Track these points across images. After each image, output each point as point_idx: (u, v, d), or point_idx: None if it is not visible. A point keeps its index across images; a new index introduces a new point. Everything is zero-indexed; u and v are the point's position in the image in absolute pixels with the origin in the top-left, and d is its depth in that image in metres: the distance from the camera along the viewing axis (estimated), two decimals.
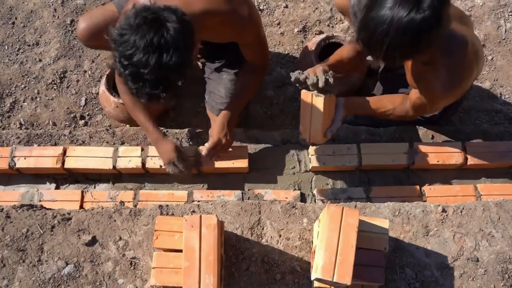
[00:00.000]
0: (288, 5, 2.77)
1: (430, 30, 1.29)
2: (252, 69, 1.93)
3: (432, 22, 1.27)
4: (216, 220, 1.42)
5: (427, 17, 1.26)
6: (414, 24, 1.26)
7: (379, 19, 1.29)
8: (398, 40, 1.29)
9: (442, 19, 1.29)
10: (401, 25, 1.26)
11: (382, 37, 1.30)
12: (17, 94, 2.52)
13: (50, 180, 2.02)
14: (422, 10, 1.25)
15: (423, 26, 1.27)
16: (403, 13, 1.25)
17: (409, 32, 1.27)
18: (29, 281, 1.57)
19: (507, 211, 1.69)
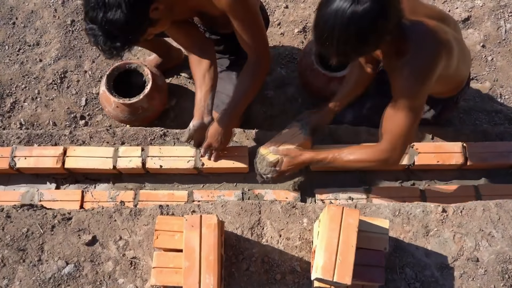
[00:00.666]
0: (288, 6, 2.77)
1: (374, 21, 1.32)
2: (251, 69, 1.87)
3: (374, 14, 1.31)
4: (216, 220, 1.42)
5: (368, 9, 1.29)
6: (356, 16, 1.30)
7: (326, 16, 1.34)
8: (344, 33, 1.33)
9: (386, 11, 1.32)
10: (344, 19, 1.31)
11: (331, 32, 1.34)
12: (17, 94, 2.52)
13: (50, 180, 2.02)
14: (363, 2, 1.29)
15: (365, 18, 1.30)
16: (345, 6, 1.30)
17: (353, 24, 1.31)
18: (29, 280, 1.57)
19: (507, 211, 1.69)
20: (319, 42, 1.42)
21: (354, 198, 1.90)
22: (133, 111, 2.25)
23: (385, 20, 1.34)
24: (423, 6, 1.62)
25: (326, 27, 1.35)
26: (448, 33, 1.60)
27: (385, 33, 1.38)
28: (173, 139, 2.05)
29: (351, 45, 1.37)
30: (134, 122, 2.29)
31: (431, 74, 1.51)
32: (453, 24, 1.75)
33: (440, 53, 1.52)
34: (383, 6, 1.31)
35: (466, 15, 2.70)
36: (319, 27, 1.38)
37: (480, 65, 2.59)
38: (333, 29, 1.33)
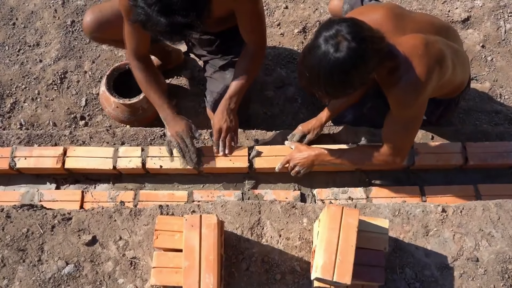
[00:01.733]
0: (288, 6, 2.77)
1: (354, 67, 1.40)
2: (249, 53, 1.89)
3: (353, 60, 1.38)
4: (216, 220, 1.42)
5: (346, 57, 1.37)
6: (337, 64, 1.38)
7: (312, 61, 1.43)
8: (329, 79, 1.42)
9: (364, 54, 1.39)
10: (327, 66, 1.39)
11: (317, 78, 1.43)
12: (17, 95, 2.52)
13: (50, 180, 2.02)
14: (341, 50, 1.37)
15: (345, 65, 1.38)
16: (328, 54, 1.38)
17: (335, 71, 1.40)
18: (29, 280, 1.57)
19: (507, 211, 1.69)
20: (309, 84, 1.50)
21: (354, 198, 1.91)
22: (133, 112, 2.25)
23: (365, 63, 1.42)
24: (411, 21, 1.65)
25: (313, 72, 1.43)
26: (439, 42, 1.62)
27: (367, 72, 1.46)
28: None
29: (337, 88, 1.47)
30: (134, 123, 2.29)
31: (424, 85, 1.55)
32: (445, 32, 1.76)
33: (431, 64, 1.55)
34: (360, 51, 1.38)
35: (466, 15, 2.70)
36: (307, 71, 1.47)
37: (479, 65, 2.59)
38: (319, 75, 1.42)
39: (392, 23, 1.59)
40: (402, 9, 1.71)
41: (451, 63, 1.64)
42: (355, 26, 1.41)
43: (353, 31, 1.39)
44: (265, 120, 2.45)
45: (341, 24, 1.40)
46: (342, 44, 1.37)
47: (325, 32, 1.41)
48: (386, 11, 1.62)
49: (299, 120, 2.41)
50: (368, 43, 1.40)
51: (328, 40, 1.39)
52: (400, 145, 1.71)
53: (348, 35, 1.37)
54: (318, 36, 1.43)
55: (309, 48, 1.45)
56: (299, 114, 2.47)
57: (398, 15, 1.64)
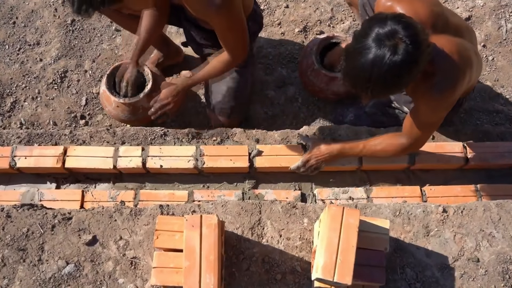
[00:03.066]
0: (288, 5, 2.77)
1: (409, 69, 1.35)
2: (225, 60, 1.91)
3: (409, 63, 1.33)
4: (216, 220, 1.42)
5: (404, 59, 1.31)
6: (394, 66, 1.32)
7: (362, 66, 1.34)
8: (381, 82, 1.36)
9: (419, 57, 1.35)
10: (382, 69, 1.32)
11: (367, 81, 1.36)
12: (17, 94, 2.52)
13: (50, 179, 2.02)
14: (399, 53, 1.30)
15: (402, 67, 1.32)
16: (384, 57, 1.31)
17: (390, 74, 1.33)
18: (29, 280, 1.57)
19: (507, 212, 1.68)
20: (352, 88, 1.44)
21: (354, 198, 1.90)
22: (133, 111, 2.25)
23: (418, 66, 1.36)
24: (445, 21, 1.62)
25: (362, 76, 1.36)
26: (469, 50, 1.62)
27: (417, 75, 1.41)
28: (173, 138, 2.05)
29: (385, 91, 1.42)
30: (134, 122, 2.28)
31: (456, 93, 1.57)
32: (468, 34, 1.76)
33: (465, 72, 1.56)
34: (417, 55, 1.33)
35: (467, 14, 2.69)
36: (353, 75, 1.40)
37: None
38: (370, 78, 1.34)
39: (430, 20, 1.54)
40: (439, 6, 1.67)
41: (475, 67, 1.66)
42: (412, 28, 1.33)
43: (412, 33, 1.31)
44: (266, 119, 2.44)
45: (397, 23, 1.32)
46: (399, 47, 1.30)
47: (378, 28, 1.32)
48: (427, 7, 1.57)
49: (300, 120, 2.42)
50: (424, 46, 1.35)
51: (383, 40, 1.31)
52: (422, 139, 1.73)
53: (407, 38, 1.30)
54: (369, 32, 1.34)
55: (358, 47, 1.36)
56: (299, 114, 2.46)
57: (436, 14, 1.59)
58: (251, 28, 2.08)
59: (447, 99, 1.57)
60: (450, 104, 1.62)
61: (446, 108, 1.63)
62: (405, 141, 1.73)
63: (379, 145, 1.78)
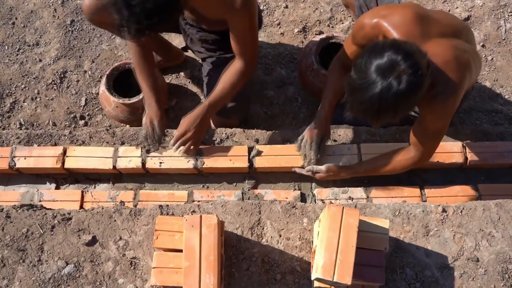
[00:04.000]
0: (288, 6, 2.77)
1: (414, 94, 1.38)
2: (237, 68, 1.87)
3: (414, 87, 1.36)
4: (216, 220, 1.42)
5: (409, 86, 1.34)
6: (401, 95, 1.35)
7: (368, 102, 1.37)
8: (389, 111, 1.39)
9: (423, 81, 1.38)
10: (389, 100, 1.35)
11: (375, 115, 1.41)
12: (17, 94, 2.52)
13: (50, 180, 2.02)
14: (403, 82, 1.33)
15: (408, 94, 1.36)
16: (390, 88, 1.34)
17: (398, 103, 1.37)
18: (29, 281, 1.57)
19: (507, 211, 1.69)
20: (362, 118, 1.48)
21: (354, 198, 1.90)
22: (133, 111, 2.25)
23: (422, 89, 1.40)
24: (435, 24, 1.62)
25: (371, 109, 1.39)
26: (467, 51, 1.63)
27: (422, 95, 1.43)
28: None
29: (395, 116, 1.44)
30: (134, 122, 2.29)
31: (458, 99, 1.59)
32: (465, 33, 1.75)
33: (465, 77, 1.57)
34: (420, 80, 1.36)
35: (466, 14, 2.70)
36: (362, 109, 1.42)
37: None
38: (379, 111, 1.38)
39: (419, 27, 1.55)
40: (425, 10, 1.68)
41: (474, 68, 1.67)
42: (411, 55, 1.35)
43: (412, 63, 1.34)
44: (266, 120, 2.45)
45: (395, 53, 1.34)
46: (402, 78, 1.33)
47: (379, 61, 1.35)
48: (412, 14, 1.58)
49: (299, 120, 2.42)
50: (425, 70, 1.37)
51: (385, 74, 1.34)
52: (431, 150, 1.76)
53: (409, 68, 1.33)
54: (368, 66, 1.36)
55: (361, 83, 1.38)
56: (299, 114, 2.46)
57: (423, 17, 1.60)
58: None
59: (451, 106, 1.59)
60: (454, 109, 1.64)
61: (451, 114, 1.65)
62: (414, 154, 1.76)
63: (389, 165, 1.81)
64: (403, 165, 1.80)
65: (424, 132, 1.70)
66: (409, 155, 1.77)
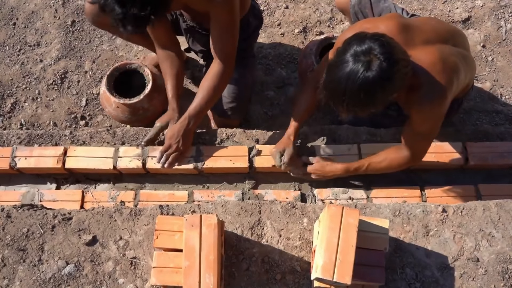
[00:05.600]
0: (288, 6, 2.77)
1: (382, 87, 1.38)
2: (214, 71, 1.85)
3: (383, 80, 1.36)
4: (216, 219, 1.42)
5: (377, 76, 1.35)
6: (367, 82, 1.36)
7: (338, 78, 1.40)
8: (354, 97, 1.40)
9: (394, 75, 1.38)
10: (355, 84, 1.36)
11: (342, 94, 1.41)
12: (18, 95, 2.53)
13: (50, 180, 2.02)
14: (373, 69, 1.35)
15: (374, 84, 1.36)
16: (358, 72, 1.35)
17: (363, 90, 1.37)
18: (29, 280, 1.57)
19: (507, 211, 1.69)
20: (330, 99, 1.48)
21: (354, 198, 1.90)
22: (133, 111, 2.25)
23: (392, 84, 1.40)
24: (418, 31, 1.64)
25: (338, 88, 1.40)
26: (453, 55, 1.63)
27: (392, 93, 1.44)
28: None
29: (360, 106, 1.44)
30: (134, 123, 2.29)
31: (446, 101, 1.59)
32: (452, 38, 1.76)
33: (451, 79, 1.58)
34: (391, 72, 1.36)
35: (467, 15, 2.70)
36: (331, 86, 1.44)
37: (480, 65, 2.59)
38: (345, 91, 1.39)
39: (402, 36, 1.56)
40: (406, 19, 1.70)
41: (463, 70, 1.67)
42: (389, 46, 1.37)
43: (387, 51, 1.35)
44: (266, 120, 2.45)
45: (374, 41, 1.37)
46: (374, 63, 1.34)
47: (356, 46, 1.37)
48: (396, 24, 1.59)
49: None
50: (399, 65, 1.38)
51: (359, 56, 1.36)
52: (421, 151, 1.78)
53: (382, 55, 1.34)
54: (347, 49, 1.39)
55: (336, 61, 1.41)
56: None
57: (405, 26, 1.62)
58: (252, 23, 2.08)
59: (438, 108, 1.60)
60: (443, 112, 1.64)
61: (439, 116, 1.65)
62: (406, 153, 1.78)
63: (383, 162, 1.82)
64: (397, 164, 1.81)
65: (412, 134, 1.71)
66: (402, 154, 1.78)
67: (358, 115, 1.53)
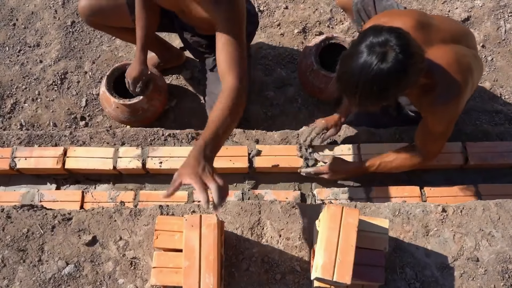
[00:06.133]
0: (288, 6, 2.77)
1: (397, 80, 1.35)
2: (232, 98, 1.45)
3: (398, 73, 1.33)
4: (216, 219, 1.42)
5: (392, 69, 1.32)
6: (381, 75, 1.33)
7: (352, 69, 1.36)
8: (367, 89, 1.36)
9: (409, 69, 1.35)
10: (369, 76, 1.33)
11: (355, 86, 1.37)
12: (18, 95, 2.53)
13: (50, 180, 2.03)
14: (388, 61, 1.32)
15: (389, 77, 1.33)
16: (372, 63, 1.32)
17: (377, 82, 1.34)
18: (29, 281, 1.57)
19: (507, 211, 1.69)
20: (342, 93, 1.46)
21: (354, 198, 1.90)
22: (133, 112, 2.26)
23: (407, 77, 1.37)
24: (436, 30, 1.62)
25: (352, 79, 1.37)
26: (467, 56, 1.63)
27: (405, 88, 1.42)
28: (173, 139, 2.05)
29: (372, 100, 1.41)
30: (134, 123, 2.29)
31: (461, 101, 1.58)
32: (465, 38, 1.76)
33: (467, 80, 1.57)
34: (407, 65, 1.34)
35: (466, 15, 2.70)
36: (343, 79, 1.41)
37: None
38: (358, 83, 1.36)
39: (420, 34, 1.54)
40: (426, 16, 1.68)
41: (475, 72, 1.67)
42: (405, 39, 1.35)
43: (403, 44, 1.33)
44: (266, 120, 2.45)
45: (391, 34, 1.34)
46: (389, 54, 1.31)
47: (372, 38, 1.35)
48: (413, 21, 1.58)
49: (299, 120, 2.42)
50: (415, 59, 1.36)
51: (374, 47, 1.33)
52: (435, 151, 1.78)
53: (398, 47, 1.31)
54: (363, 40, 1.36)
55: (351, 52, 1.38)
56: (299, 114, 2.47)
57: (424, 24, 1.60)
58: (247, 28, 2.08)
59: (453, 109, 1.59)
60: (457, 113, 1.63)
61: (454, 117, 1.64)
62: (419, 153, 1.77)
63: (395, 161, 1.81)
64: (409, 164, 1.81)
65: (426, 134, 1.71)
66: (414, 154, 1.79)
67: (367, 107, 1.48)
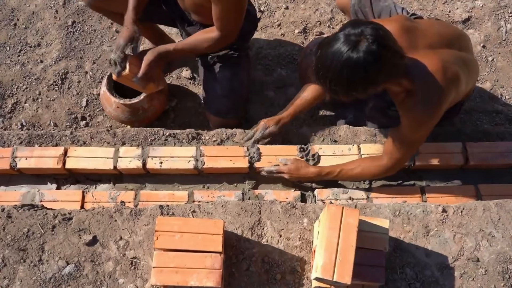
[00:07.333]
0: (288, 7, 2.77)
1: (365, 72, 1.37)
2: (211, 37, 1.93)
3: (367, 65, 1.36)
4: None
5: (361, 59, 1.35)
6: (349, 63, 1.36)
7: (325, 56, 1.41)
8: (336, 77, 1.40)
9: (380, 64, 1.37)
10: (339, 63, 1.37)
11: (326, 72, 1.41)
12: (18, 95, 2.53)
13: (51, 180, 2.03)
14: (358, 51, 1.35)
15: (357, 67, 1.36)
16: (343, 51, 1.36)
17: (345, 71, 1.37)
18: (30, 280, 1.57)
19: (507, 211, 1.69)
20: (316, 77, 1.49)
21: (354, 198, 1.90)
22: (133, 112, 2.26)
23: (377, 71, 1.39)
24: (422, 35, 1.63)
25: (324, 64, 1.41)
26: (455, 63, 1.62)
27: (375, 83, 1.43)
28: (173, 139, 2.05)
29: (341, 88, 1.43)
30: (135, 123, 2.29)
31: (439, 111, 1.58)
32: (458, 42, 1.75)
33: (449, 90, 1.57)
34: (377, 59, 1.36)
35: (467, 15, 2.70)
36: (317, 65, 1.45)
37: (480, 65, 2.59)
38: (328, 70, 1.40)
39: (405, 39, 1.55)
40: (412, 22, 1.69)
41: (464, 79, 1.66)
42: (381, 31, 1.38)
43: (378, 35, 1.36)
44: None
45: (367, 26, 1.38)
46: (361, 44, 1.35)
47: (349, 28, 1.39)
48: (398, 26, 1.59)
49: (299, 121, 2.42)
50: (388, 52, 1.38)
51: (349, 36, 1.37)
52: (402, 160, 1.77)
53: (371, 36, 1.35)
54: (341, 30, 1.41)
55: (328, 39, 1.43)
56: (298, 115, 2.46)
57: (409, 29, 1.61)
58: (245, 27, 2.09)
59: (431, 116, 1.59)
60: (433, 123, 1.63)
61: (429, 126, 1.64)
62: (385, 162, 1.77)
63: (356, 169, 1.82)
64: (370, 172, 1.81)
65: (399, 140, 1.70)
66: (379, 162, 1.78)
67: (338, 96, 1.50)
